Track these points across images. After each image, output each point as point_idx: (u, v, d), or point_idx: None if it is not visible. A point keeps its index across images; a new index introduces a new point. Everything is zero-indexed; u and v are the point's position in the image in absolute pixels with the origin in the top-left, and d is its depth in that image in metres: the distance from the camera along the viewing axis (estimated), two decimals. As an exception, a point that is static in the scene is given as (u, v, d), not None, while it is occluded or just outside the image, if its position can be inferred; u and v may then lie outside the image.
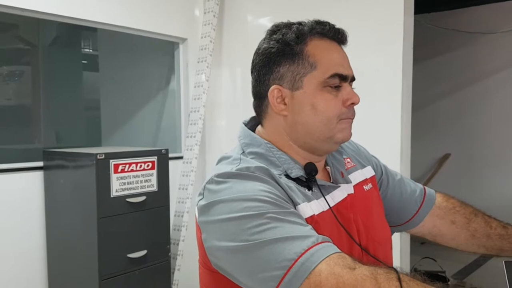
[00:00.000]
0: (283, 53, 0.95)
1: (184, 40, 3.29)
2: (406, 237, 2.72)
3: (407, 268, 2.69)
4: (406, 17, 2.56)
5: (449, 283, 3.49)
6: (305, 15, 1.07)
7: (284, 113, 0.97)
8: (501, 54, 4.55)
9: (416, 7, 2.68)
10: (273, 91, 0.96)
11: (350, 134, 0.99)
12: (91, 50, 3.95)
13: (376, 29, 2.63)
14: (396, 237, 1.14)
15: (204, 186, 0.91)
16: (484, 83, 4.70)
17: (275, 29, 0.98)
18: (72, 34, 3.68)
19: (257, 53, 1.00)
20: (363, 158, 1.17)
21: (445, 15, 4.62)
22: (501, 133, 4.62)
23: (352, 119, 0.98)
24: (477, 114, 4.76)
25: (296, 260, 0.75)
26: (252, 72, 1.02)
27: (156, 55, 3.59)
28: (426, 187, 1.25)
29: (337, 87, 0.95)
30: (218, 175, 0.90)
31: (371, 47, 2.59)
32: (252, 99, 1.05)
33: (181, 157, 3.20)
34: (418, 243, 3.45)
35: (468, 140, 4.83)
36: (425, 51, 4.50)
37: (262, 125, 1.03)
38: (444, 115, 4.98)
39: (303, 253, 0.76)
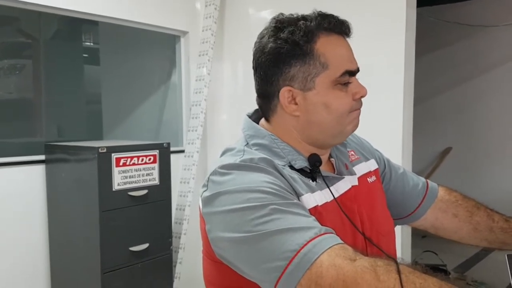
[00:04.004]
0: (293, 53, 0.93)
1: (185, 33, 3.28)
2: (407, 230, 2.72)
3: (405, 262, 2.69)
4: (408, 10, 2.55)
5: (450, 276, 3.50)
6: (307, 8, 1.06)
7: (296, 114, 0.96)
8: (503, 48, 4.54)
9: (418, 0, 2.67)
10: (284, 93, 0.95)
11: (358, 124, 0.99)
12: (92, 44, 3.94)
13: (378, 22, 2.62)
14: (397, 230, 1.14)
15: (208, 178, 0.92)
16: (486, 77, 4.69)
17: (280, 26, 0.95)
18: (73, 28, 3.67)
19: (262, 51, 0.96)
20: (366, 151, 1.17)
21: (447, 8, 4.59)
22: (503, 127, 4.62)
23: (360, 109, 0.98)
24: (479, 107, 4.76)
25: (299, 251, 0.76)
26: (256, 69, 0.99)
27: (157, 49, 3.58)
28: (428, 181, 1.25)
29: (346, 83, 0.95)
30: (222, 167, 0.90)
31: (373, 40, 2.58)
32: (254, 94, 1.04)
33: (182, 151, 3.20)
34: (419, 237, 3.45)
35: (470, 134, 4.82)
36: (427, 44, 4.48)
37: (267, 120, 1.03)
38: (446, 108, 4.97)
39: (305, 244, 0.76)
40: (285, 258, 0.76)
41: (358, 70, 0.98)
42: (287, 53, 0.93)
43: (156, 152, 2.55)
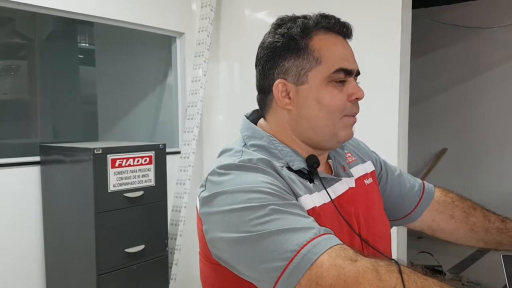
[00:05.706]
0: (288, 47, 0.95)
1: (181, 34, 3.28)
2: (403, 231, 2.72)
3: (403, 262, 2.70)
4: (404, 11, 2.55)
5: (445, 277, 3.51)
6: (303, 9, 1.06)
7: (289, 107, 0.97)
8: (499, 49, 4.56)
9: (414, 1, 2.67)
10: (278, 86, 0.96)
11: (352, 134, 1.00)
12: (87, 45, 3.93)
13: (374, 23, 2.62)
14: (393, 232, 1.15)
15: (206, 178, 0.91)
16: (482, 78, 4.71)
17: (280, 23, 0.98)
18: (68, 28, 3.66)
19: (261, 46, 1.00)
20: (363, 153, 1.18)
21: (443, 10, 4.62)
22: (498, 128, 4.64)
23: (356, 115, 0.98)
24: (474, 108, 4.78)
25: (298, 252, 0.75)
26: (256, 65, 1.02)
27: (153, 50, 3.58)
28: (425, 182, 1.26)
29: (342, 82, 0.95)
30: (221, 167, 0.90)
31: (369, 41, 2.59)
32: (252, 93, 1.05)
33: (178, 152, 3.20)
34: (415, 238, 3.46)
35: (465, 135, 4.85)
36: (423, 45, 4.51)
37: (265, 119, 1.03)
38: (441, 109, 4.99)
39: (305, 245, 0.76)
40: (284, 258, 0.76)
41: (358, 72, 0.98)
42: (282, 47, 0.96)
43: (152, 153, 2.54)
